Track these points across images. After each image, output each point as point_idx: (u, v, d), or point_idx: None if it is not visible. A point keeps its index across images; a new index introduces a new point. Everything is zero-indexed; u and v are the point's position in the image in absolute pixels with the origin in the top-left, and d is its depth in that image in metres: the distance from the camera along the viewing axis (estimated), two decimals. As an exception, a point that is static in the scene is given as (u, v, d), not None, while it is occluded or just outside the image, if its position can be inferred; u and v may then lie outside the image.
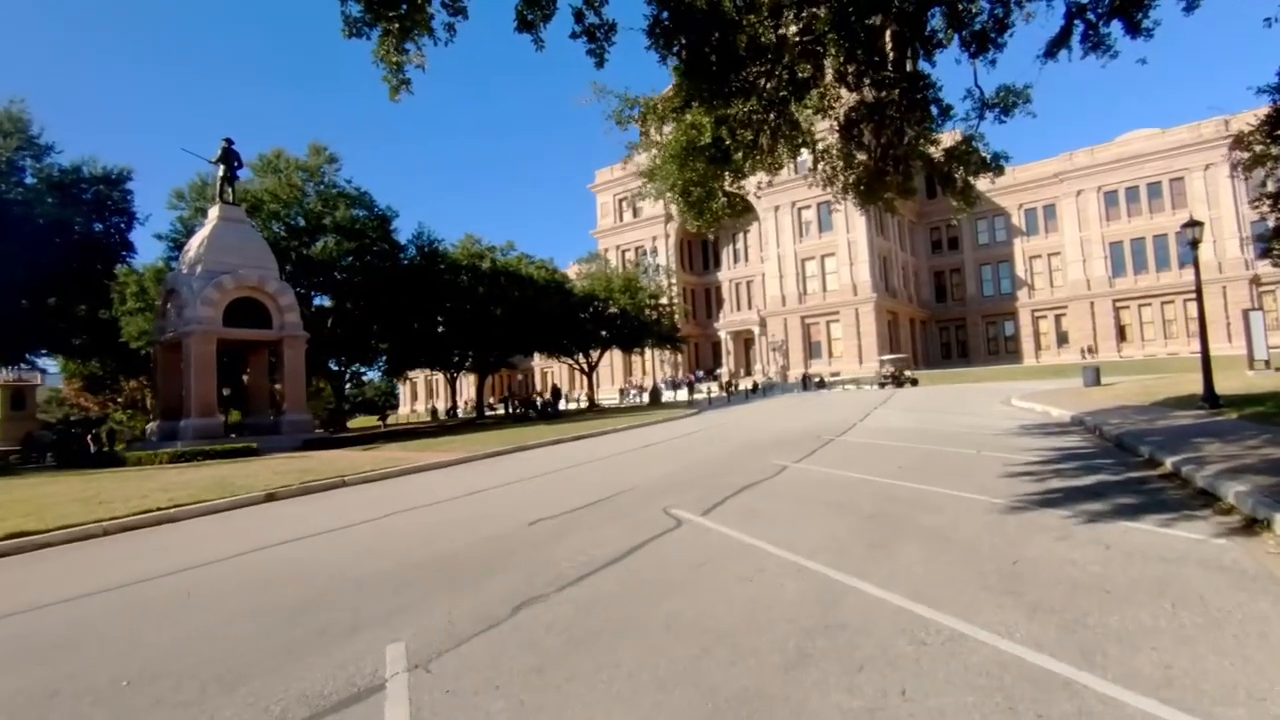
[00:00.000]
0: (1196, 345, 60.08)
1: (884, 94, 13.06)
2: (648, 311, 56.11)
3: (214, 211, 28.85)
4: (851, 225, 70.72)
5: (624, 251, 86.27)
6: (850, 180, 14.63)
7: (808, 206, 74.62)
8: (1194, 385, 25.77)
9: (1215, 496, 7.91)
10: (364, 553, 7.85)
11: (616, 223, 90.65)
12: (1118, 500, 8.08)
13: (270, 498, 13.79)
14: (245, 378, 32.12)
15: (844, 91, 13.40)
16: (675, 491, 10.40)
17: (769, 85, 11.32)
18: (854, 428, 19.89)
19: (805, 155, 14.84)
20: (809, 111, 12.41)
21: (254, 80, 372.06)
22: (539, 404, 49.66)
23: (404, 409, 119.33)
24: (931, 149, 13.59)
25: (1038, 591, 5.05)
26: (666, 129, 12.07)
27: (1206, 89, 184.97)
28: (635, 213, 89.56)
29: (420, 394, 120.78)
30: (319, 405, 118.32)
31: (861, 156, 14.48)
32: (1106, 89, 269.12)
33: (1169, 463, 9.95)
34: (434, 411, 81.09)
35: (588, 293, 52.18)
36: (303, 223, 36.39)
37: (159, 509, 12.28)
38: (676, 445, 18.49)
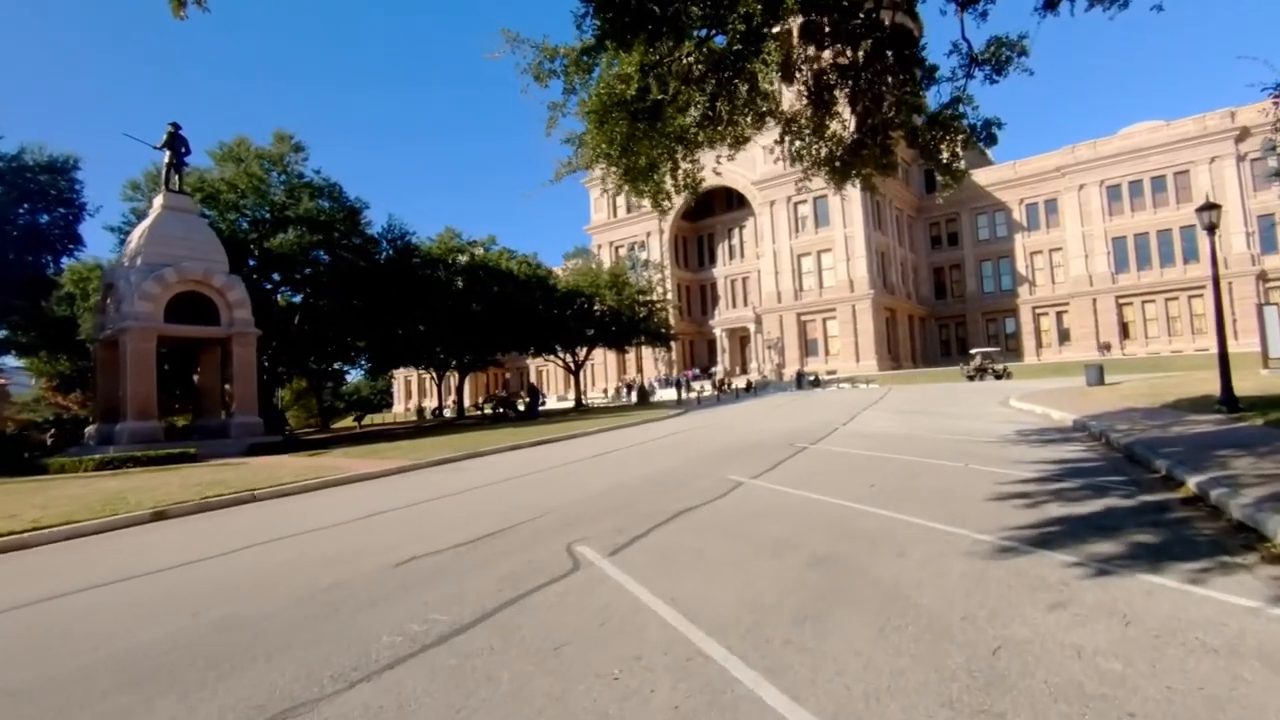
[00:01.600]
0: (1202, 343, 58.62)
1: (859, 52, 11.29)
2: (637, 308, 54.36)
3: (158, 200, 27.02)
4: (849, 220, 68.90)
5: (618, 248, 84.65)
6: (822, 154, 12.86)
7: (804, 201, 72.69)
8: (1205, 385, 24.05)
9: (1260, 534, 6.16)
10: (146, 616, 6.08)
11: (610, 218, 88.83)
12: (1134, 538, 6.32)
13: (159, 516, 12.05)
14: (196, 378, 30.41)
15: (812, 49, 11.64)
16: (597, 518, 8.64)
17: (714, 34, 9.55)
18: (835, 432, 18.14)
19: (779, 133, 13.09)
20: (770, 71, 10.61)
21: (257, 80, 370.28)
22: (518, 404, 47.87)
23: (398, 407, 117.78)
24: (915, 117, 11.77)
25: (1028, 717, 3.30)
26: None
27: (1211, 82, 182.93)
28: (629, 208, 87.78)
29: (414, 392, 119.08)
30: (311, 405, 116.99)
31: (834, 126, 12.72)
32: (1110, 80, 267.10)
33: (1193, 483, 8.19)
34: (420, 411, 79.41)
35: (573, 289, 50.35)
36: (266, 214, 34.52)
37: (13, 533, 10.55)
38: (636, 453, 16.73)
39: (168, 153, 27.30)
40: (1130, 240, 68.19)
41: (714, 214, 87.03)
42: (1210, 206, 15.63)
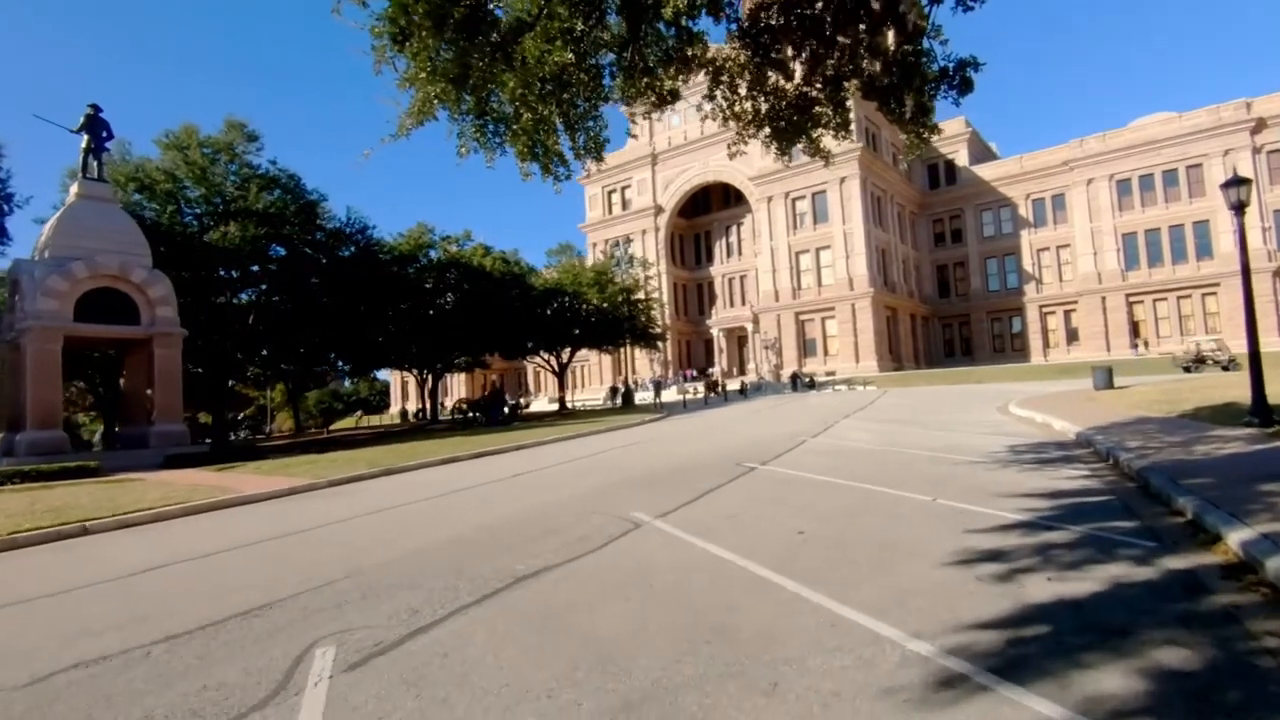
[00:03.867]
0: (1215, 343, 55.88)
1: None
2: (624, 307, 51.94)
3: (73, 189, 24.75)
4: (848, 216, 66.28)
5: (613, 246, 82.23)
6: (762, 111, 10.45)
7: (802, 197, 70.17)
8: (1227, 390, 21.51)
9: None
10: None
11: (605, 216, 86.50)
12: (1155, 657, 3.91)
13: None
14: (121, 382, 28.17)
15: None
16: (393, 592, 6.21)
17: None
18: (799, 446, 15.72)
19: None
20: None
21: (259, 80, 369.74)
22: (492, 409, 45.46)
23: (396, 407, 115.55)
24: (870, 63, 9.34)
25: None
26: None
27: (1225, 73, 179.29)
28: (625, 205, 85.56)
29: (411, 394, 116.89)
30: (308, 407, 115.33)
31: (777, 78, 10.31)
32: (1119, 72, 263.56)
33: (1235, 542, 5.77)
34: (403, 414, 77.33)
35: (553, 286, 47.90)
36: (217, 206, 32.17)
37: None
38: (554, 475, 14.27)
39: (85, 137, 24.97)
40: (1141, 236, 65.40)
41: (711, 211, 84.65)
42: (1239, 181, 13.16)
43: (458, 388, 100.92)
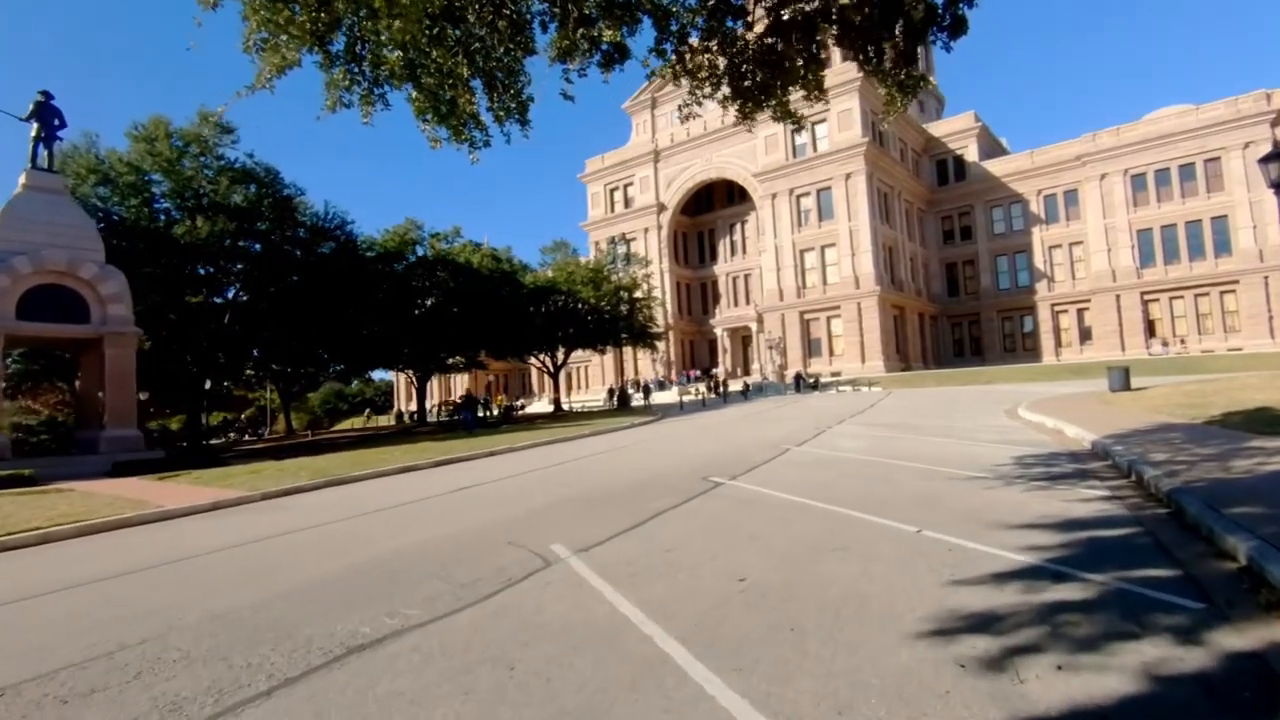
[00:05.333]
0: (1235, 341, 53.78)
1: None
2: (622, 306, 50.35)
3: (20, 179, 23.34)
4: (853, 213, 64.41)
5: (608, 242, 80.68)
6: (722, 68, 8.89)
7: (806, 193, 68.41)
8: (1256, 392, 19.78)
9: None
10: None
11: (607, 214, 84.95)
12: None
13: None
14: (77, 384, 26.85)
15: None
16: (151, 677, 4.70)
17: None
18: (782, 455, 14.16)
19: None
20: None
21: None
22: (478, 411, 44.02)
23: (402, 406, 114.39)
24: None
25: None
26: None
27: (1242, 63, 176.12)
28: (627, 203, 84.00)
29: (412, 395, 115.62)
30: (311, 407, 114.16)
31: (736, 27, 8.75)
32: (1132, 64, 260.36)
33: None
34: (399, 416, 76.10)
35: (545, 284, 46.33)
36: (187, 200, 30.76)
37: None
38: (494, 490, 12.68)
39: (35, 125, 23.59)
40: (1156, 232, 63.23)
41: (715, 209, 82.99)
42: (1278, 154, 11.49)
43: (460, 389, 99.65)
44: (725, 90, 8.92)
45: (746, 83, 8.92)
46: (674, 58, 8.72)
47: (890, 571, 5.77)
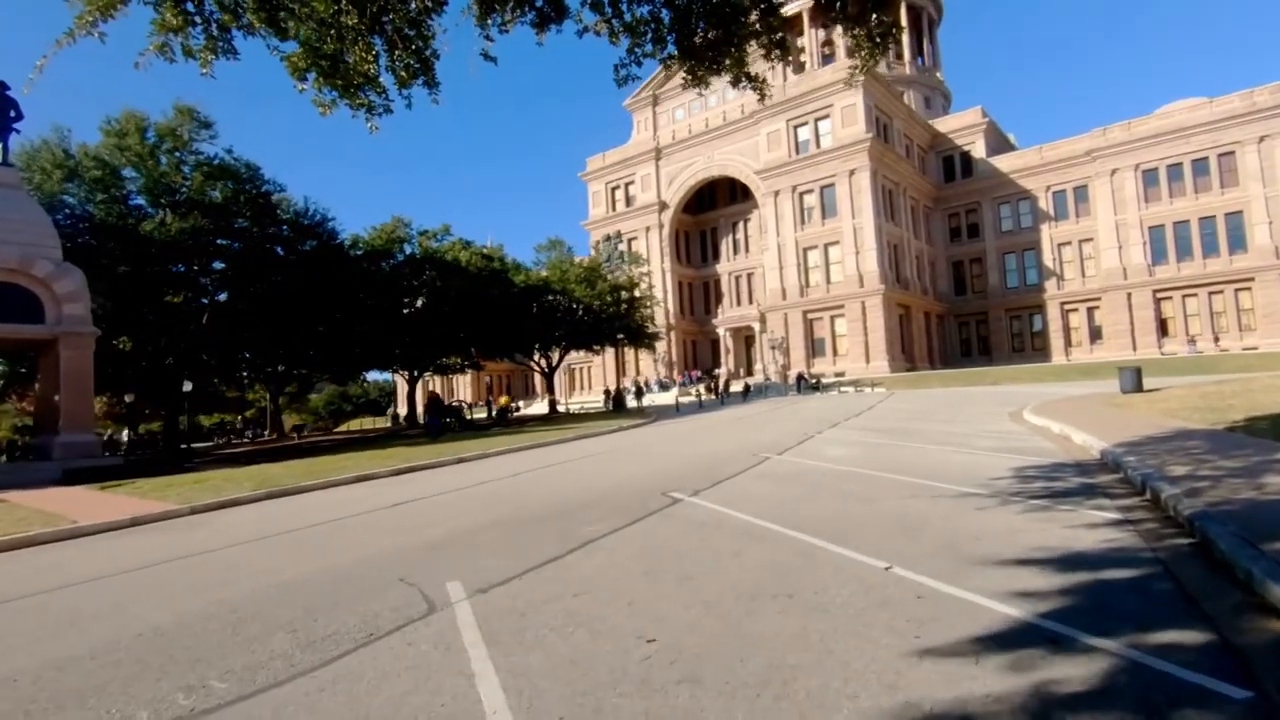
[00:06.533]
0: (1250, 340, 52.10)
1: None
2: (616, 305, 49.06)
3: (-27, 173, 22.41)
4: (857, 210, 62.94)
5: (603, 240, 79.51)
6: (666, 23, 7.64)
7: (809, 190, 67.00)
8: (1276, 394, 18.46)
9: None
10: None
11: (608, 213, 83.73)
12: None
13: None
14: (36, 387, 25.81)
15: None
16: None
17: None
18: (756, 466, 12.89)
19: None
20: None
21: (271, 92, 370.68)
22: (465, 413, 42.86)
23: (402, 409, 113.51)
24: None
25: None
26: None
27: (1256, 59, 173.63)
28: (628, 201, 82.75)
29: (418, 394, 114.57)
30: (317, 408, 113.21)
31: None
32: (1144, 58, 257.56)
33: None
34: (394, 417, 75.06)
35: (537, 283, 45.10)
36: (159, 195, 29.71)
37: None
38: (429, 507, 11.39)
39: (-13, 117, 22.66)
40: (1169, 229, 61.47)
41: (717, 207, 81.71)
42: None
43: (461, 389, 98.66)
44: (671, 49, 7.68)
45: (696, 38, 7.68)
46: (609, 10, 7.48)
47: (837, 632, 4.50)
